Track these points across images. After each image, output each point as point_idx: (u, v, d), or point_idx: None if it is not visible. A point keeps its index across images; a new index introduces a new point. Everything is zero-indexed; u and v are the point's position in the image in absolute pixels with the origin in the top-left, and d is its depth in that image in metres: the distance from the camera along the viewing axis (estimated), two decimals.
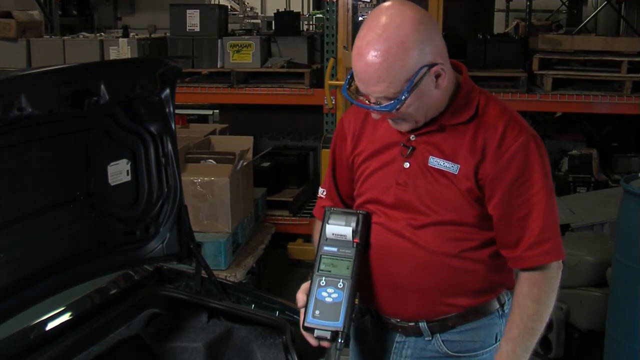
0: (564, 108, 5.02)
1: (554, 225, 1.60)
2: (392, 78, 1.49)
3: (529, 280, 1.60)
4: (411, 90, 1.50)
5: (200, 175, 3.64)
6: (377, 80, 1.50)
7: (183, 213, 2.15)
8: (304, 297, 1.66)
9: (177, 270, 2.30)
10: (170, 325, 2.14)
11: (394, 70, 1.48)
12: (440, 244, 1.64)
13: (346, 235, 1.67)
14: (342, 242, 1.67)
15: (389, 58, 1.48)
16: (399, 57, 1.48)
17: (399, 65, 1.48)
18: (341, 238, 1.67)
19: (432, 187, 1.63)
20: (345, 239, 1.67)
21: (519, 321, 1.60)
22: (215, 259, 3.56)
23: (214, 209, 3.67)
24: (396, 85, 1.50)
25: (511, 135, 1.57)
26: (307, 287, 1.67)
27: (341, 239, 1.67)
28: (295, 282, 4.70)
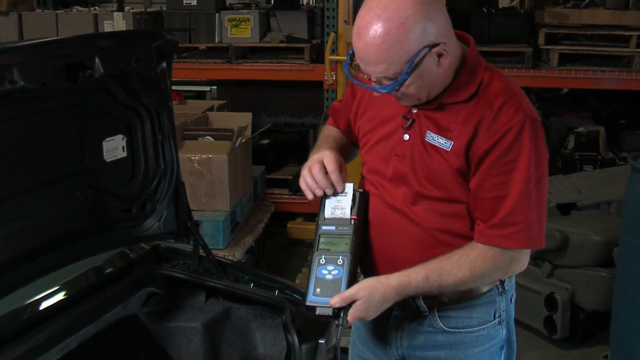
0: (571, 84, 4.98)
1: (527, 213, 1.59)
2: (392, 60, 1.50)
3: (481, 252, 1.62)
4: (411, 72, 1.51)
5: (197, 152, 3.63)
6: (376, 62, 1.51)
7: (180, 190, 2.15)
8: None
9: (174, 248, 2.31)
10: (167, 304, 2.14)
11: (394, 52, 1.49)
12: (434, 220, 1.67)
13: (344, 214, 1.69)
14: (340, 220, 1.70)
15: (388, 40, 1.48)
16: (399, 40, 1.48)
17: (398, 48, 1.49)
18: (339, 217, 1.70)
19: (426, 162, 1.65)
20: (343, 217, 1.70)
21: (445, 267, 1.62)
22: (213, 238, 3.57)
23: (211, 187, 3.67)
24: (396, 66, 1.51)
25: (507, 113, 1.56)
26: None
27: (339, 217, 1.70)
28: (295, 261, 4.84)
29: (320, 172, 1.70)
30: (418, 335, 1.80)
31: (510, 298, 1.84)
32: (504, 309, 1.81)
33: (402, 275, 1.63)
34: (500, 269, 1.66)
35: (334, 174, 1.71)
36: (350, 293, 1.60)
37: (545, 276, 3.68)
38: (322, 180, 1.70)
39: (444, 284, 1.64)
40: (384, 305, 1.63)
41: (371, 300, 1.60)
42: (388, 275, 1.64)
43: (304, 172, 1.73)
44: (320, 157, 1.73)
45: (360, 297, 1.59)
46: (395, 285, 1.62)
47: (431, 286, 1.64)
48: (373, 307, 1.61)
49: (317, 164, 1.71)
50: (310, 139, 5.35)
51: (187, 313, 2.11)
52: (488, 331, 1.78)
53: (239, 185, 3.93)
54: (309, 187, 1.71)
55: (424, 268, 1.63)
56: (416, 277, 1.62)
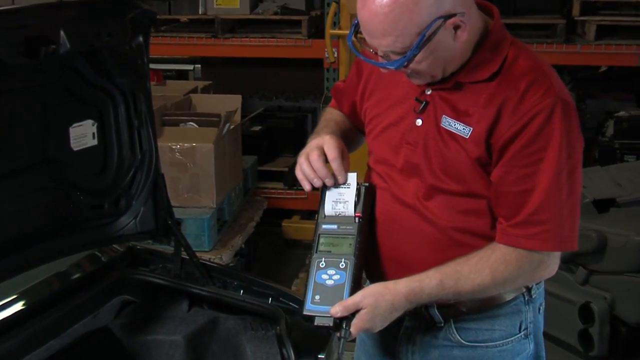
0: (610, 61, 4.97)
1: (557, 209, 1.59)
2: (400, 32, 1.50)
3: (503, 254, 1.63)
4: (422, 46, 1.51)
5: (179, 140, 3.64)
6: (383, 33, 1.51)
7: (159, 184, 2.15)
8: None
9: (152, 250, 2.31)
10: (144, 314, 2.15)
11: (402, 23, 1.49)
12: (450, 217, 1.68)
13: (347, 210, 1.69)
14: (342, 218, 1.71)
15: (397, 9, 1.48)
16: (408, 8, 1.48)
17: (407, 18, 1.48)
18: (342, 214, 1.70)
19: (441, 151, 1.65)
20: (346, 215, 1.70)
21: (462, 271, 1.63)
22: (197, 239, 3.58)
23: (195, 180, 3.68)
24: (405, 39, 1.51)
25: (534, 96, 1.56)
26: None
27: (342, 214, 1.71)
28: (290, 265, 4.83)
29: (319, 159, 1.71)
30: (432, 349, 1.80)
31: (539, 308, 1.84)
32: (531, 320, 1.81)
33: (413, 281, 1.63)
34: (525, 273, 1.66)
35: (335, 162, 1.71)
36: (353, 301, 1.60)
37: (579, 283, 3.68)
38: (321, 169, 1.70)
39: (461, 291, 1.64)
40: (393, 315, 1.63)
41: (378, 309, 1.60)
42: (397, 280, 1.64)
43: (301, 160, 1.73)
44: (320, 142, 1.73)
45: (365, 305, 1.60)
46: (405, 291, 1.62)
47: (446, 293, 1.64)
48: (380, 317, 1.61)
49: (316, 150, 1.71)
50: (308, 125, 5.36)
51: (167, 324, 2.11)
52: (513, 346, 1.78)
53: (226, 178, 3.94)
54: (306, 176, 1.72)
55: (438, 272, 1.63)
56: (429, 283, 1.63)
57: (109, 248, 2.26)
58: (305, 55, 4.92)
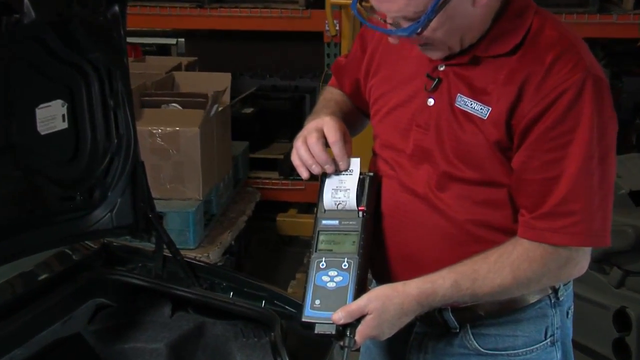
0: None
1: (587, 199, 1.59)
2: None
3: (526, 250, 1.62)
4: (437, 10, 1.51)
5: (161, 123, 3.64)
6: None
7: (139, 173, 2.15)
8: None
9: (130, 247, 2.31)
10: (121, 320, 2.15)
11: None
12: (466, 209, 1.68)
13: (349, 200, 1.70)
14: (344, 212, 1.71)
15: None
16: None
17: None
18: (343, 204, 1.71)
19: (456, 134, 1.65)
20: (349, 207, 1.71)
21: (480, 270, 1.62)
22: (181, 235, 3.58)
23: (179, 168, 3.68)
24: (418, 2, 1.51)
25: (561, 71, 1.56)
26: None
27: (344, 207, 1.71)
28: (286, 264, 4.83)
29: (318, 143, 1.70)
30: (446, 358, 1.81)
31: (567, 312, 1.84)
32: (559, 325, 1.81)
33: (425, 282, 1.63)
34: (551, 272, 1.66)
35: (336, 146, 1.71)
36: (358, 305, 1.60)
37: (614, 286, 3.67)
38: (320, 153, 1.70)
39: (478, 292, 1.64)
40: (402, 320, 1.63)
41: (385, 314, 1.60)
42: (407, 281, 1.64)
43: (298, 144, 1.73)
44: (319, 124, 1.73)
45: (371, 310, 1.59)
46: (416, 294, 1.62)
47: (462, 295, 1.64)
48: (388, 323, 1.61)
49: (315, 133, 1.71)
50: (306, 107, 5.35)
51: (147, 331, 2.11)
52: (538, 354, 1.78)
53: (214, 166, 3.94)
54: (303, 162, 1.71)
55: (452, 272, 1.63)
56: (443, 284, 1.62)
57: (81, 245, 2.26)
58: (303, 27, 4.91)
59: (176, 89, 4.29)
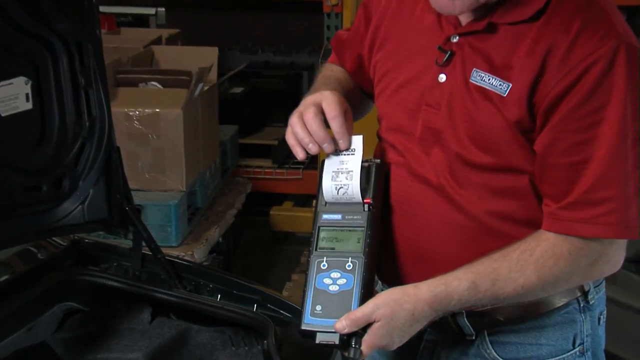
0: None
1: (621, 185, 1.58)
2: None
3: (552, 245, 1.62)
4: None
5: (138, 105, 3.63)
6: None
7: (114, 160, 2.15)
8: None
9: (105, 245, 2.31)
10: (94, 327, 2.14)
11: None
12: (483, 199, 1.67)
13: (353, 195, 1.69)
14: (348, 205, 1.71)
15: None
16: None
17: None
18: (347, 199, 1.70)
19: (470, 114, 1.65)
20: (353, 200, 1.70)
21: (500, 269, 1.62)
22: (162, 230, 3.59)
23: (160, 156, 3.68)
24: None
25: (590, 39, 1.55)
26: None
27: (347, 200, 1.70)
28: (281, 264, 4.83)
29: (316, 118, 1.69)
30: None
31: (598, 318, 1.84)
32: (589, 333, 1.81)
33: (439, 283, 1.63)
34: (581, 269, 1.65)
35: (336, 122, 1.69)
36: (364, 312, 1.59)
37: None
38: (318, 130, 1.69)
39: (499, 295, 1.63)
40: (414, 328, 1.62)
41: (395, 321, 1.60)
42: (418, 283, 1.64)
43: (294, 121, 1.72)
44: (317, 99, 1.72)
45: (379, 317, 1.59)
46: (428, 297, 1.62)
47: (481, 298, 1.63)
48: (398, 331, 1.61)
49: (312, 107, 1.70)
50: (303, 86, 5.36)
51: (123, 339, 2.10)
52: None
53: (199, 153, 3.94)
54: (299, 140, 1.70)
55: (469, 272, 1.63)
56: (459, 286, 1.62)
57: (48, 241, 2.26)
58: None
59: (155, 65, 4.28)
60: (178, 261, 2.30)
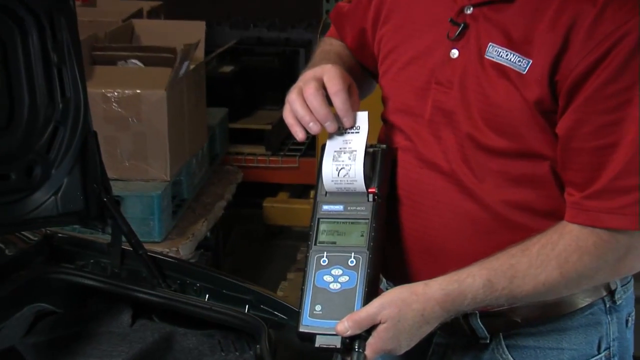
0: None
1: None
2: None
3: (576, 238, 1.61)
4: None
5: (117, 85, 3.63)
6: None
7: (90, 146, 2.15)
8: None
9: (80, 239, 2.31)
10: (68, 330, 2.14)
11: None
12: (500, 189, 1.67)
13: (355, 177, 1.68)
14: (350, 195, 1.70)
15: None
16: None
17: None
18: (349, 189, 1.70)
19: (486, 94, 1.64)
20: (356, 190, 1.69)
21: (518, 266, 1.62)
22: (144, 224, 3.60)
23: (141, 142, 3.69)
24: None
25: (619, 11, 1.54)
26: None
27: (349, 190, 1.70)
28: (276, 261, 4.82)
29: (317, 94, 1.67)
30: None
31: (626, 320, 1.84)
32: (615, 336, 1.81)
33: (450, 281, 1.62)
34: (608, 265, 1.65)
35: (339, 97, 1.68)
36: (368, 312, 1.59)
37: None
38: (320, 107, 1.67)
39: (517, 293, 1.63)
40: (423, 330, 1.62)
41: (402, 323, 1.59)
42: (428, 281, 1.63)
43: (292, 97, 1.70)
44: (318, 73, 1.71)
45: (385, 318, 1.58)
46: (439, 296, 1.61)
47: (497, 297, 1.63)
48: (406, 334, 1.60)
49: (313, 82, 1.69)
50: (300, 65, 5.37)
51: (101, 344, 2.10)
52: None
53: (185, 139, 3.94)
54: (299, 119, 1.68)
55: (484, 268, 1.62)
56: (473, 283, 1.61)
57: (17, 236, 2.26)
58: None
59: (136, 41, 4.28)
60: (161, 258, 2.30)
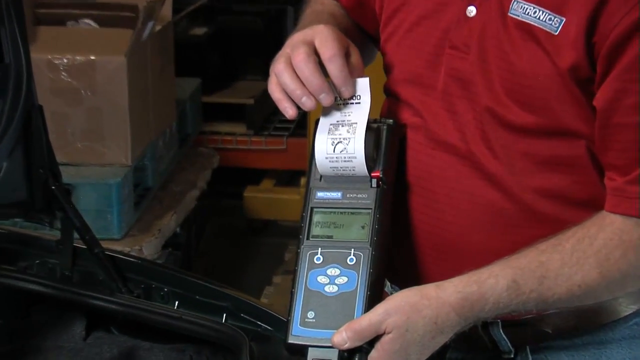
0: None
1: None
2: None
3: (618, 232, 1.62)
4: None
5: (67, 50, 3.63)
6: None
7: (35, 123, 2.16)
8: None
9: (23, 236, 2.33)
10: (9, 344, 2.15)
11: None
12: (528, 173, 1.68)
13: (356, 163, 1.68)
14: (350, 179, 1.70)
15: None
16: None
17: None
18: (347, 170, 1.69)
19: (509, 59, 1.65)
20: (356, 173, 1.69)
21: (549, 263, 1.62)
22: (100, 217, 3.60)
23: (96, 119, 3.69)
24: None
25: None
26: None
27: (348, 172, 1.69)
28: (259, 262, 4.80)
29: (309, 61, 1.66)
30: None
31: None
32: None
33: (468, 282, 1.62)
34: None
35: (335, 63, 1.66)
36: (371, 320, 1.59)
37: None
38: (312, 76, 1.65)
39: (547, 297, 1.63)
40: (436, 341, 1.62)
41: (412, 333, 1.59)
42: (441, 282, 1.63)
43: (279, 67, 1.68)
44: (308, 36, 1.70)
45: (390, 327, 1.58)
46: (455, 300, 1.61)
47: (524, 301, 1.63)
48: (415, 346, 1.60)
49: (303, 47, 1.68)
50: (287, 26, 5.35)
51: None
52: None
53: (149, 116, 3.95)
54: (289, 93, 1.68)
55: (509, 266, 1.62)
56: (495, 285, 1.61)
57: None
58: None
59: None
60: (122, 257, 2.31)
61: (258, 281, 4.38)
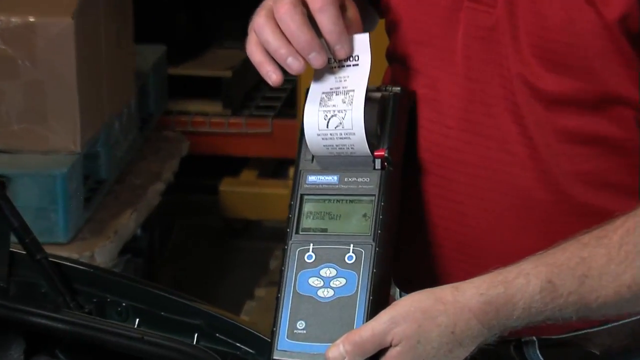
0: None
1: None
2: None
3: None
4: None
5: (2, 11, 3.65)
6: None
7: None
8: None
9: None
10: None
11: None
12: (566, 155, 1.69)
13: (355, 140, 1.68)
14: (348, 160, 1.71)
15: None
16: None
17: None
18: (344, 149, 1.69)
19: (542, 13, 1.65)
20: (355, 152, 1.69)
21: (592, 260, 1.62)
22: (43, 217, 3.63)
23: (37, 95, 3.71)
24: None
25: None
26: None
27: (345, 151, 1.70)
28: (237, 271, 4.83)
29: (295, 12, 1.64)
30: None
31: None
32: None
33: (493, 282, 1.62)
34: None
35: (326, 15, 1.65)
36: (375, 331, 1.59)
37: None
38: (300, 30, 1.64)
39: (590, 301, 1.63)
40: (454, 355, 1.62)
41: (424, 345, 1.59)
42: (459, 284, 1.63)
43: (259, 22, 1.67)
44: None
45: (398, 337, 1.58)
46: (477, 305, 1.61)
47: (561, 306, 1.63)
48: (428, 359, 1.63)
49: None
50: None
51: None
52: None
53: (103, 92, 3.97)
54: (272, 53, 1.67)
55: (542, 263, 1.62)
56: (525, 285, 1.61)
57: None
58: None
59: None
60: (69, 265, 2.31)
61: (237, 294, 4.41)
